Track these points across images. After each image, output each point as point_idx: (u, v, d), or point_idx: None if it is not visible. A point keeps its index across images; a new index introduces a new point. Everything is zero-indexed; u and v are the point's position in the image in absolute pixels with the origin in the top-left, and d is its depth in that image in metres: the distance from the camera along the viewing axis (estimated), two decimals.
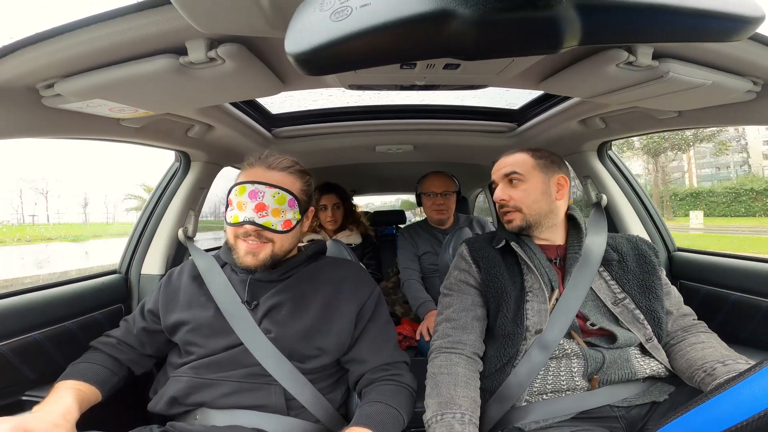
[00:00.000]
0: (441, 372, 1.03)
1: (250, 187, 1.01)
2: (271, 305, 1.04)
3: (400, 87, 1.13)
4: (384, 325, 1.13)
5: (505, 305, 1.07)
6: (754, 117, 1.14)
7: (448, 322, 1.14)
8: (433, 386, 1.02)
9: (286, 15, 0.56)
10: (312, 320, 1.03)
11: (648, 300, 1.06)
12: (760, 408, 0.47)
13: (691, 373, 0.95)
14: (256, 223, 1.00)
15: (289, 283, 1.08)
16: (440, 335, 1.13)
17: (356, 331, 1.07)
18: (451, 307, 1.16)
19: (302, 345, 1.01)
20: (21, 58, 0.77)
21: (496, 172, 1.20)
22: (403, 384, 1.03)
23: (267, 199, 1.01)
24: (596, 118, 1.47)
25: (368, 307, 1.11)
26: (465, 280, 1.18)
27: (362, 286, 1.13)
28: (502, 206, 1.17)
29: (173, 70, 0.82)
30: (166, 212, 1.65)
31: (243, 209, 1.00)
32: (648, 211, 1.80)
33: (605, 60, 0.89)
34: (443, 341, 1.11)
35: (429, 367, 1.09)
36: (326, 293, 1.07)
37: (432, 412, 0.95)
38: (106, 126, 1.13)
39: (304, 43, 0.45)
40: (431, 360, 1.10)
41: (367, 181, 3.42)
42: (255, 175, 1.04)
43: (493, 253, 1.17)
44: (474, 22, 0.40)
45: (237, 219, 1.00)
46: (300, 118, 1.81)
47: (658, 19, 0.44)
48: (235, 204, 1.02)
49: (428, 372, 1.08)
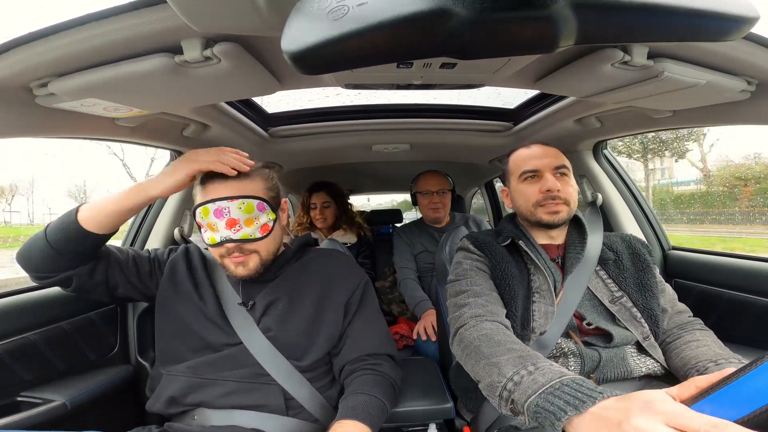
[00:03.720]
0: (497, 333, 0.90)
1: (211, 206, 0.96)
2: (268, 302, 1.04)
3: (396, 86, 1.13)
4: (369, 316, 1.11)
5: (513, 304, 1.05)
6: (747, 116, 1.14)
7: (477, 297, 1.03)
8: (494, 345, 0.85)
9: (283, 14, 0.56)
10: (309, 314, 1.04)
11: (645, 298, 1.06)
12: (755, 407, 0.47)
13: (685, 372, 0.96)
14: (233, 239, 0.97)
15: (281, 279, 1.09)
16: (471, 306, 1.01)
17: (345, 322, 1.08)
18: (471, 287, 1.07)
19: (302, 339, 1.02)
20: (14, 57, 0.77)
21: (541, 159, 1.12)
22: (384, 374, 1.03)
23: (234, 213, 0.96)
24: (592, 118, 1.48)
25: (355, 297, 1.11)
26: (479, 267, 1.13)
27: (351, 276, 1.13)
28: (552, 197, 1.08)
29: (168, 70, 0.81)
30: (161, 212, 1.64)
31: (215, 230, 0.97)
32: (643, 210, 1.81)
33: (601, 59, 0.89)
34: (478, 310, 0.99)
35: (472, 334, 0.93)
36: (318, 286, 1.08)
37: (514, 367, 0.76)
38: (101, 125, 1.12)
39: (300, 42, 0.45)
40: (469, 329, 0.95)
41: (363, 180, 3.41)
42: (214, 192, 0.98)
43: (500, 249, 1.14)
44: (470, 22, 0.40)
45: (214, 240, 0.98)
46: (296, 118, 1.81)
47: (653, 19, 0.45)
48: (205, 225, 0.98)
49: (470, 340, 0.92)
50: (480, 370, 0.84)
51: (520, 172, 1.14)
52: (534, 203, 1.11)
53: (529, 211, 1.12)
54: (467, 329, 0.96)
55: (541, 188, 1.09)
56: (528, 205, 1.12)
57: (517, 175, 1.16)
